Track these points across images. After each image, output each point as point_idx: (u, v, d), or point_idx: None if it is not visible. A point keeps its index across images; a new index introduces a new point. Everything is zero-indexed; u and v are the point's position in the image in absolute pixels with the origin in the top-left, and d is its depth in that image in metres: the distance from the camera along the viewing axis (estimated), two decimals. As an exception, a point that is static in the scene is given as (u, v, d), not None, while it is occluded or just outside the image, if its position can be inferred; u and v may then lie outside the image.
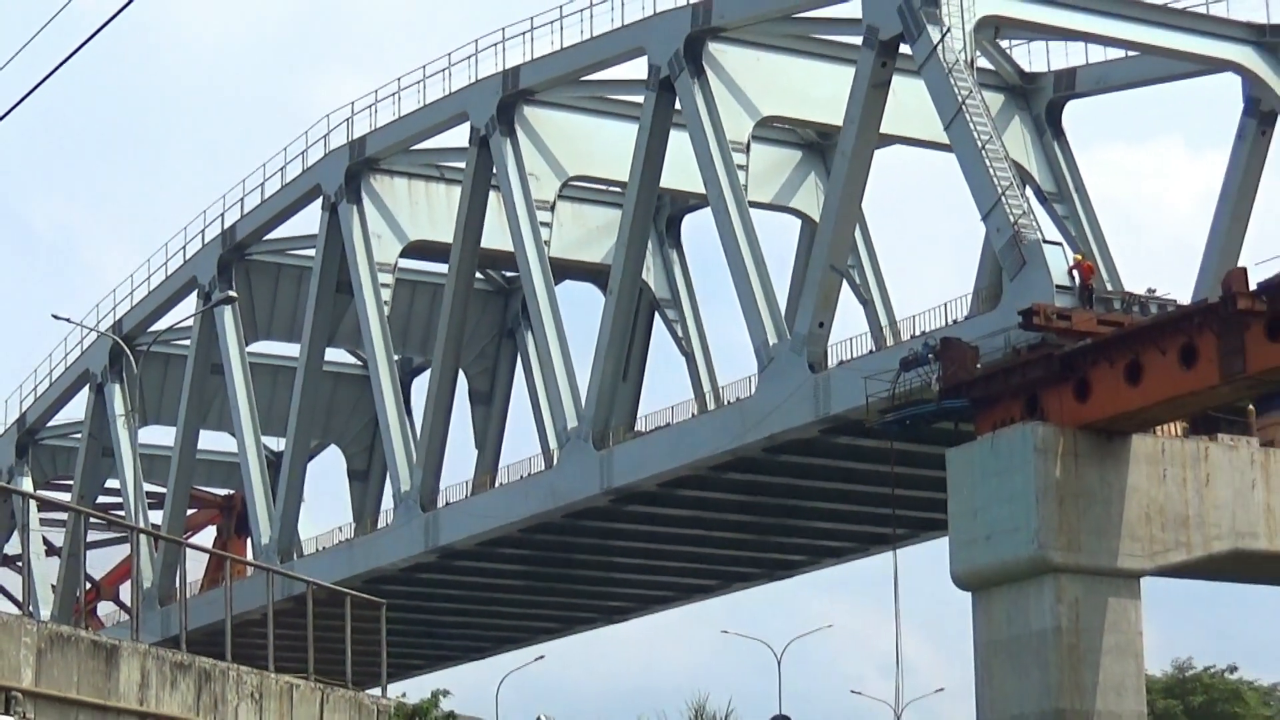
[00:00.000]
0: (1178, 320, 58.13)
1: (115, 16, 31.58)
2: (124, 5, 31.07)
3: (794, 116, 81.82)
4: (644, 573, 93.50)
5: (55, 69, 37.99)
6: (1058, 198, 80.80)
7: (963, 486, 60.09)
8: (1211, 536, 60.27)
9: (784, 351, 71.02)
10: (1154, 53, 75.29)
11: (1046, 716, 57.40)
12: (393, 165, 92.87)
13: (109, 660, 45.28)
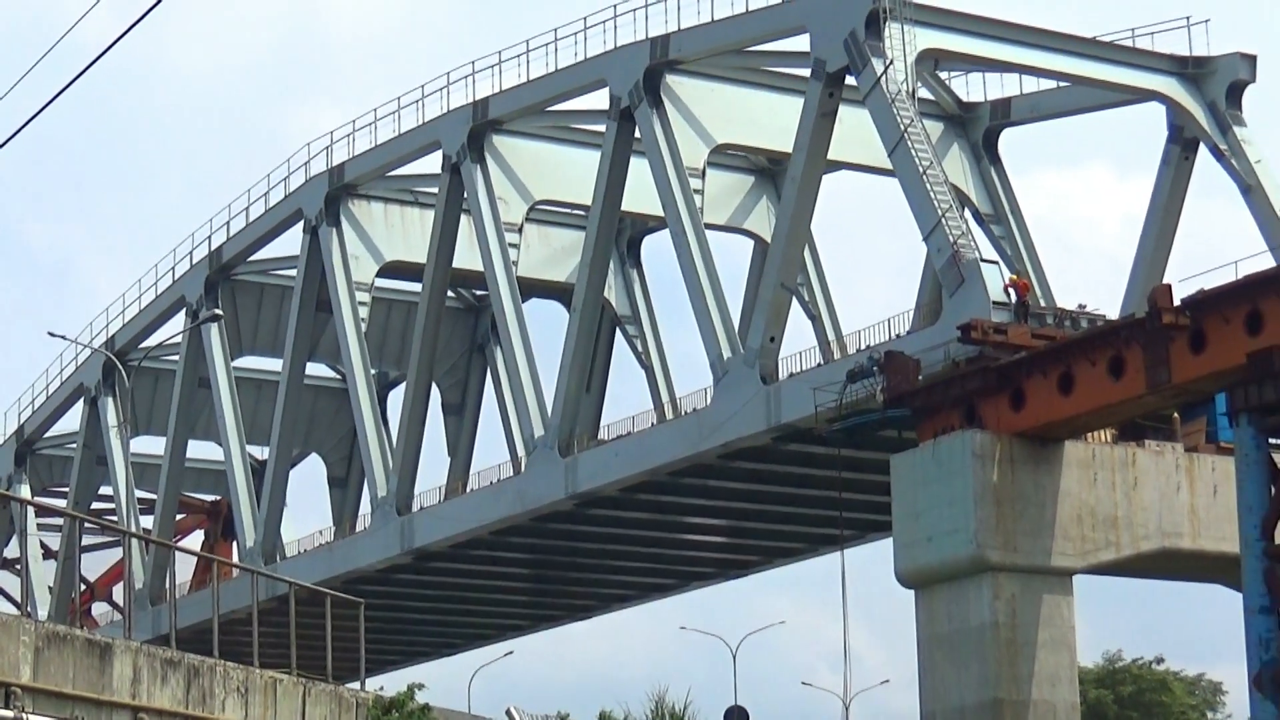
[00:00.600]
0: (1107, 334, 58.27)
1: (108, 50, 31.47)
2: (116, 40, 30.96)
3: (746, 144, 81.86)
4: (607, 572, 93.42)
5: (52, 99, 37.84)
6: (994, 219, 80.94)
7: (906, 491, 60.15)
8: (1139, 536, 60.40)
9: (737, 364, 71.04)
10: (1083, 83, 75.51)
11: (985, 706, 57.44)
12: (369, 190, 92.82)
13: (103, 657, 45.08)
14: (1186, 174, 74.36)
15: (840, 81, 69.12)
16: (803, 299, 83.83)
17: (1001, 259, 73.10)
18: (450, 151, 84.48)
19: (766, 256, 79.19)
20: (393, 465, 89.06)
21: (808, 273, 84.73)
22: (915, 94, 69.17)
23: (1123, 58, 73.87)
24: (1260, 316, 52.92)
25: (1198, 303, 54.89)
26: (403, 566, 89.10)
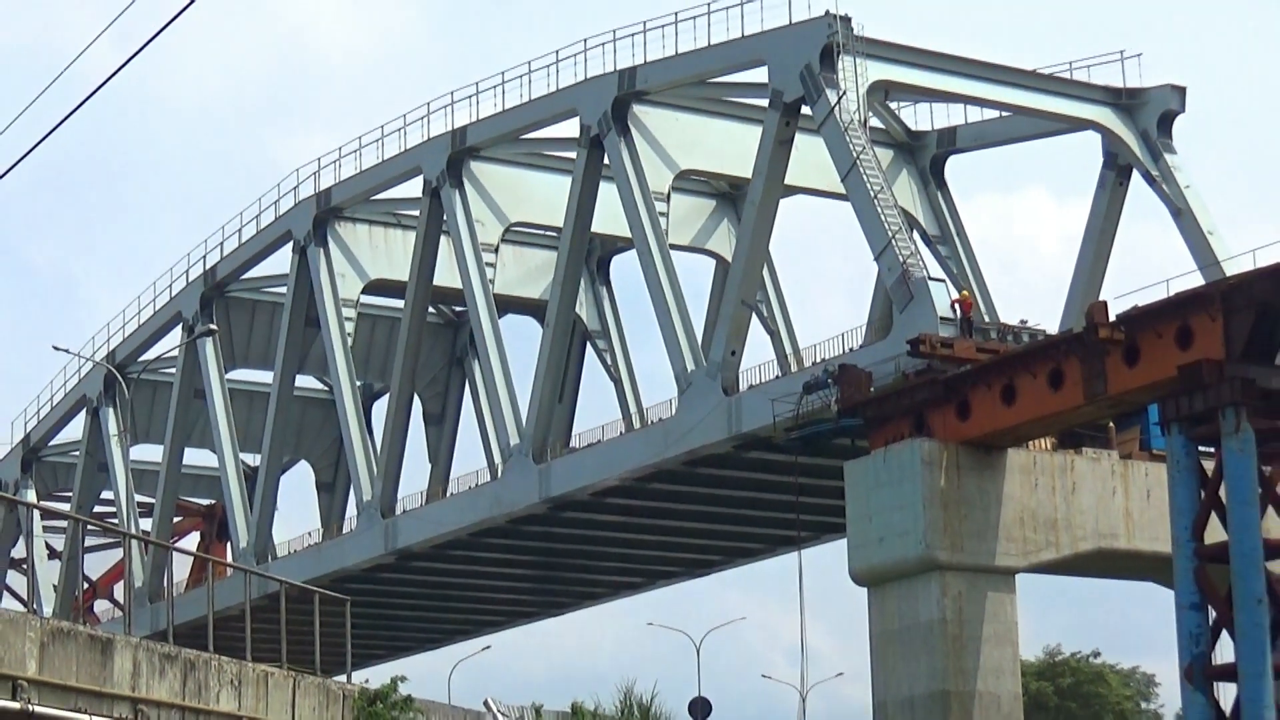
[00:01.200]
0: (1047, 348, 58.33)
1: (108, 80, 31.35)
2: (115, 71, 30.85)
3: (708, 169, 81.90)
4: (578, 572, 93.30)
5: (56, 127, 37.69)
6: (940, 240, 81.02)
7: (859, 495, 60.12)
8: (1078, 537, 60.45)
9: (700, 377, 71.02)
10: (1024, 113, 75.66)
11: (934, 698, 57.43)
12: (355, 213, 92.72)
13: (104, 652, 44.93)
14: (1121, 198, 74.52)
15: (796, 111, 69.15)
16: (762, 315, 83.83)
17: (948, 278, 73.29)
18: (430, 176, 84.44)
19: (727, 275, 79.18)
20: (377, 471, 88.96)
21: (766, 290, 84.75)
22: (867, 123, 69.21)
23: (1060, 89, 74.03)
24: (1190, 332, 53.01)
25: (1132, 319, 54.97)
26: (387, 566, 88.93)
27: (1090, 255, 74.45)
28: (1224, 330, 52.24)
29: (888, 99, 78.13)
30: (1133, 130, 73.26)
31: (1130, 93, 73.63)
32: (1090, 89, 73.96)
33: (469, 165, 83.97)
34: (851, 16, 67.72)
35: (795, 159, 71.61)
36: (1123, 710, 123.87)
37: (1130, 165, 73.33)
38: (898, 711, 58.48)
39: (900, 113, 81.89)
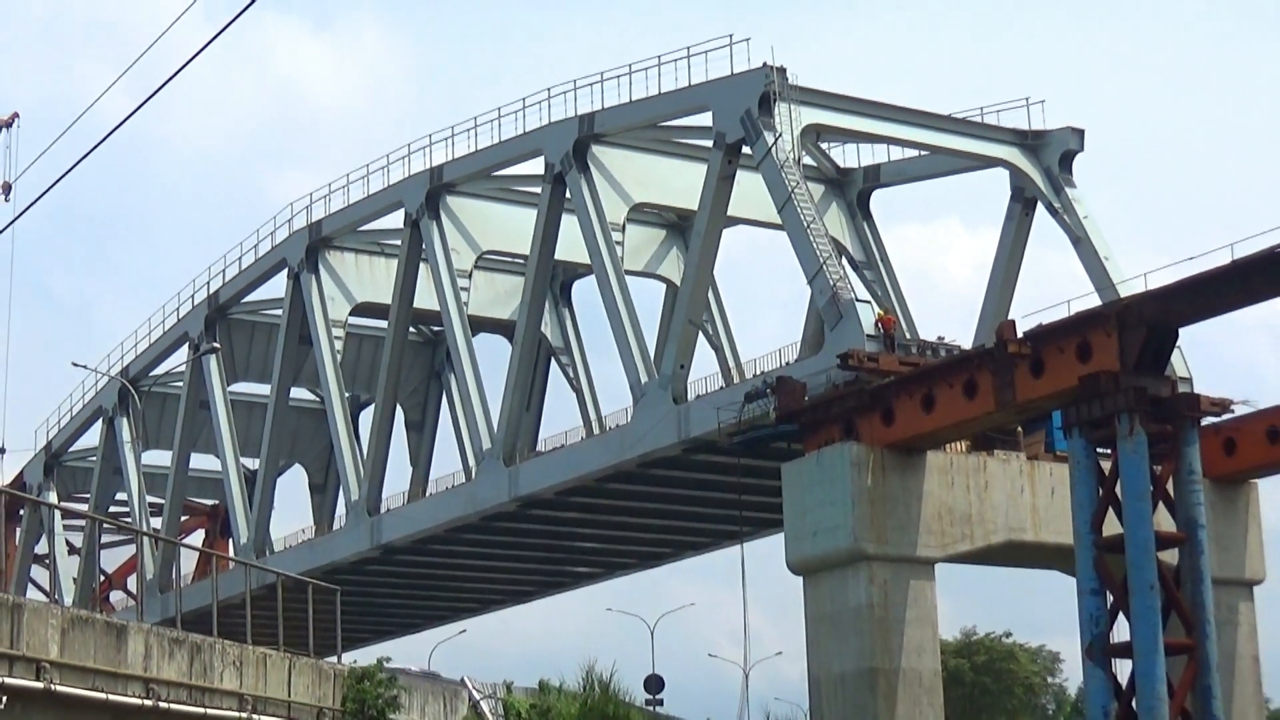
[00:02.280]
0: (962, 361, 58.39)
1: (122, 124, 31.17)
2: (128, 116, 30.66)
3: (659, 203, 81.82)
4: (544, 563, 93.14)
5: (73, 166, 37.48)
6: (866, 266, 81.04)
7: (795, 493, 60.09)
8: (990, 531, 60.48)
9: (653, 388, 70.95)
10: (940, 152, 75.73)
11: (862, 674, 57.41)
12: (343, 243, 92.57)
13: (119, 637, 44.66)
14: (1026, 228, 74.59)
15: (738, 151, 69.18)
16: (707, 333, 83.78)
17: (873, 299, 73.40)
18: (411, 209, 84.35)
19: (676, 297, 79.25)
20: (363, 473, 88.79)
21: (711, 311, 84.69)
22: (800, 161, 69.22)
23: (973, 131, 74.16)
24: (1089, 347, 53.13)
25: (1037, 335, 55.06)
26: (372, 559, 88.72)
27: (1000, 278, 74.55)
28: (1119, 345, 52.37)
29: (819, 140, 78.22)
30: (1037, 167, 73.39)
31: (1034, 134, 73.78)
32: (999, 131, 74.10)
33: (445, 199, 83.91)
34: (786, 67, 67.86)
35: (737, 193, 71.60)
36: (1031, 685, 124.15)
37: (1035, 198, 73.44)
38: (830, 687, 58.43)
39: (830, 152, 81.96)
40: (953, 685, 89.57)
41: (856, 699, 57.42)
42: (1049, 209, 73.07)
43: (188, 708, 46.00)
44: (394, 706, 54.09)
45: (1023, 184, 73.75)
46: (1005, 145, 73.84)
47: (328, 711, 52.22)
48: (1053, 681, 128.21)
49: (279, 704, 50.01)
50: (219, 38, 28.62)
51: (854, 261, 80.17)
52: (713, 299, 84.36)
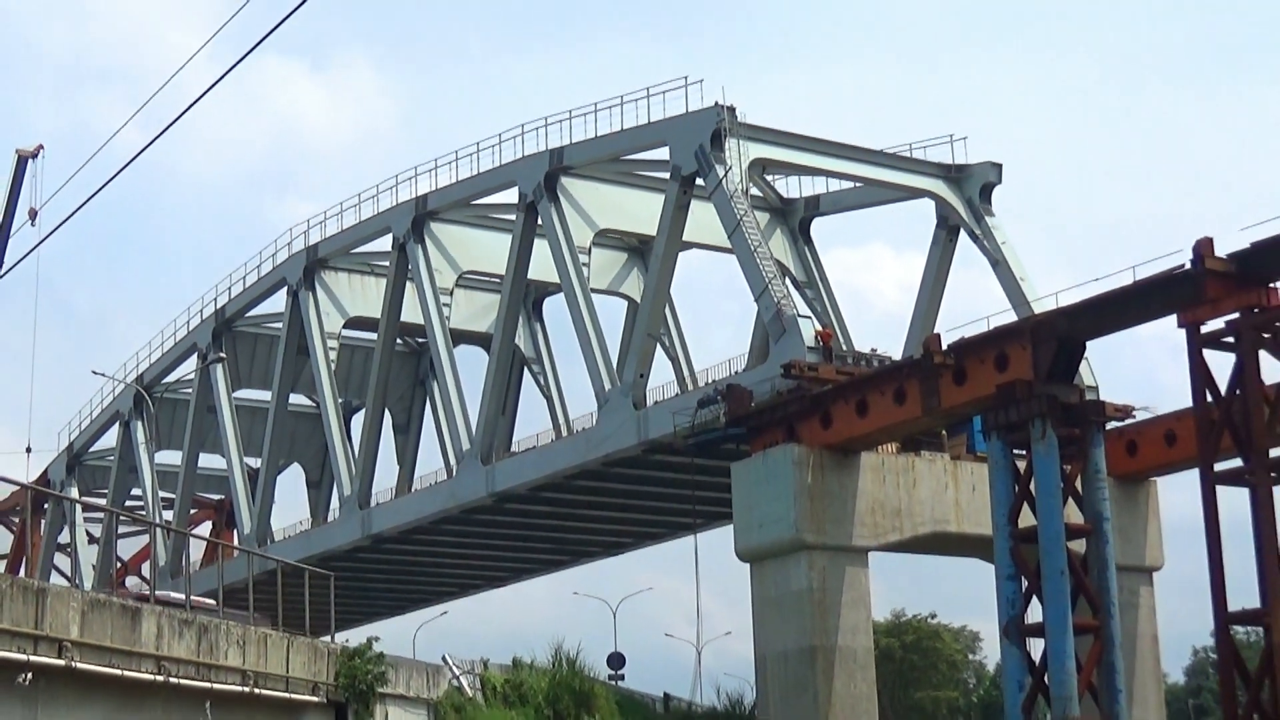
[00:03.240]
0: (892, 371, 58.48)
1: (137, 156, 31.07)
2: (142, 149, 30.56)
3: (622, 229, 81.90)
4: (517, 551, 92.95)
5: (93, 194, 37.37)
6: (807, 285, 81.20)
7: (743, 489, 60.10)
8: (917, 523, 60.61)
9: (616, 394, 70.93)
10: (874, 184, 75.86)
11: (803, 651, 57.46)
12: (337, 263, 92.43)
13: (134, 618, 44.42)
14: (950, 252, 74.76)
15: (692, 182, 69.20)
16: (664, 345, 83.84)
17: (812, 315, 73.44)
18: (398, 234, 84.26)
19: (637, 313, 79.27)
20: (355, 471, 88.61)
21: (668, 325, 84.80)
22: (748, 192, 69.30)
23: (902, 165, 74.29)
24: (1006, 358, 53.26)
25: (959, 348, 55.17)
26: (363, 548, 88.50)
27: (926, 297, 74.69)
28: (1032, 357, 52.51)
29: (765, 172, 78.37)
30: (960, 198, 73.58)
31: (957, 168, 73.95)
32: (926, 165, 74.24)
33: (429, 225, 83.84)
34: (736, 106, 67.96)
35: (691, 220, 71.63)
36: (954, 661, 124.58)
37: (958, 225, 73.62)
38: (775, 663, 58.45)
39: (775, 183, 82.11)
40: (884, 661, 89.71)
41: (798, 674, 57.46)
42: (970, 235, 73.24)
43: (196, 683, 45.81)
44: (381, 681, 53.96)
45: (947, 213, 73.93)
46: (931, 178, 74.01)
47: (322, 686, 52.05)
48: (973, 658, 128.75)
49: (278, 679, 49.84)
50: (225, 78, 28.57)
51: (796, 281, 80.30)
52: (669, 315, 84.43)
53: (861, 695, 57.88)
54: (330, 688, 52.24)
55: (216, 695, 46.45)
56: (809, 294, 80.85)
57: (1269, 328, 47.32)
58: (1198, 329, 47.93)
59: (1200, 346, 47.88)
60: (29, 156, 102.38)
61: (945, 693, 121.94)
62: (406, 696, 56.42)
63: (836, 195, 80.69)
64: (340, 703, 52.68)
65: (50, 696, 40.54)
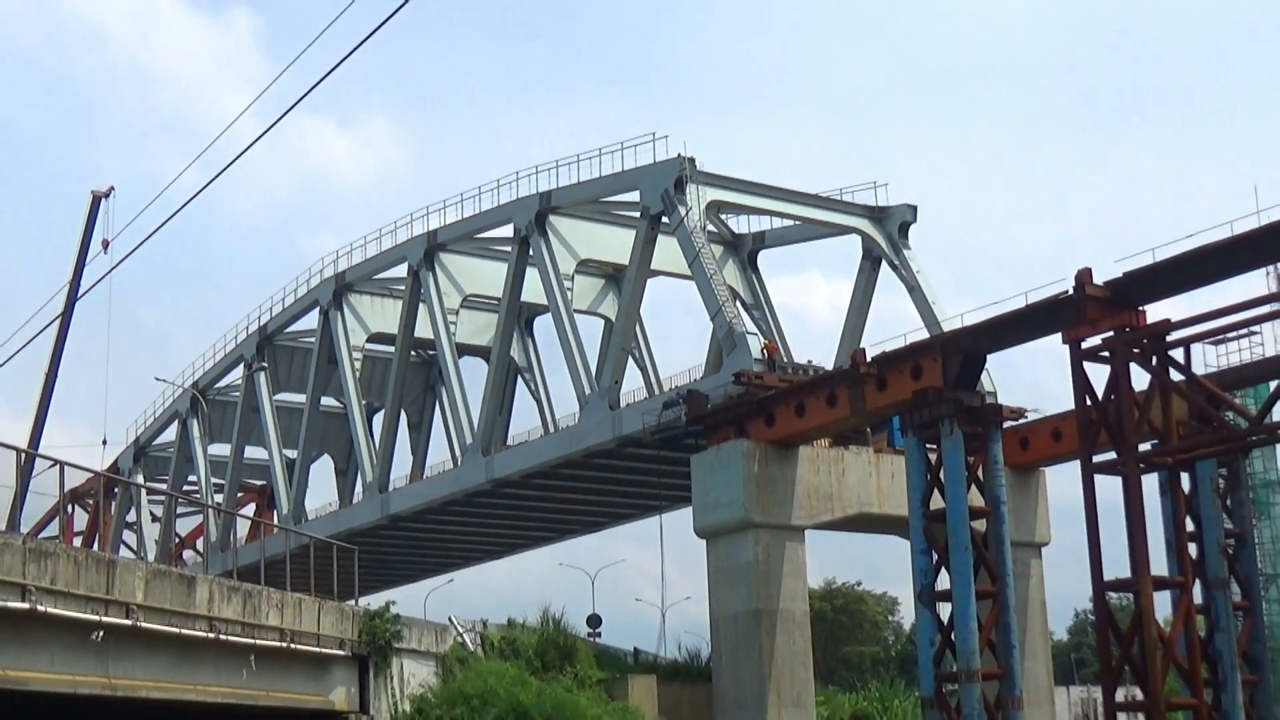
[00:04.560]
0: (825, 379, 58.58)
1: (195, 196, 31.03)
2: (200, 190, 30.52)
3: (600, 259, 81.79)
4: (512, 529, 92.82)
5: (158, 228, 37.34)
6: (754, 307, 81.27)
7: (700, 477, 60.13)
8: (846, 505, 60.74)
9: (594, 398, 70.92)
10: (809, 222, 76.02)
11: (750, 614, 57.50)
12: (361, 288, 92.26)
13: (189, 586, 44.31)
14: (874, 279, 74.90)
15: (658, 220, 69.30)
16: (635, 356, 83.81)
17: (758, 331, 73.62)
18: (413, 263, 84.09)
19: (612, 330, 79.27)
20: (376, 461, 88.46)
21: (638, 339, 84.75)
22: (705, 228, 69.40)
23: (834, 206, 74.50)
24: (920, 369, 53.37)
25: (881, 360, 55.29)
26: (382, 526, 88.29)
27: (853, 317, 74.85)
28: (942, 367, 52.64)
29: (719, 212, 78.41)
30: (882, 234, 73.78)
31: (880, 209, 74.17)
32: (853, 206, 74.46)
33: (438, 255, 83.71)
34: (695, 157, 68.09)
35: (658, 252, 71.75)
36: (876, 622, 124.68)
37: (880, 257, 73.80)
38: (727, 623, 58.49)
39: (727, 221, 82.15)
40: (817, 622, 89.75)
41: (746, 632, 57.50)
42: (890, 265, 73.46)
43: (241, 639, 45.74)
44: (397, 638, 53.87)
45: (871, 246, 74.12)
46: (858, 217, 74.21)
47: (348, 642, 51.96)
48: (892, 619, 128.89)
49: (310, 636, 49.77)
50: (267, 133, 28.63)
51: (745, 304, 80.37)
52: (639, 331, 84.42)
53: (799, 650, 58.00)
54: (354, 643, 52.18)
55: (259, 650, 46.38)
56: (756, 314, 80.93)
57: (1138, 344, 47.58)
58: (1079, 345, 48.15)
59: (1081, 359, 48.10)
60: (102, 196, 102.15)
61: (869, 648, 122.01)
62: (418, 651, 56.36)
63: (779, 231, 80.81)
64: (363, 656, 52.63)
65: (119, 651, 40.43)
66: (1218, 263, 45.89)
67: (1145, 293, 47.79)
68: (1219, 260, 45.77)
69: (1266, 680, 53.91)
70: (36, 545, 38.68)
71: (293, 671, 49.01)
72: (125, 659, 40.54)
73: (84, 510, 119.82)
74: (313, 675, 50.43)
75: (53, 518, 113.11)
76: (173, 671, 42.66)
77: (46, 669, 38.14)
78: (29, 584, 36.70)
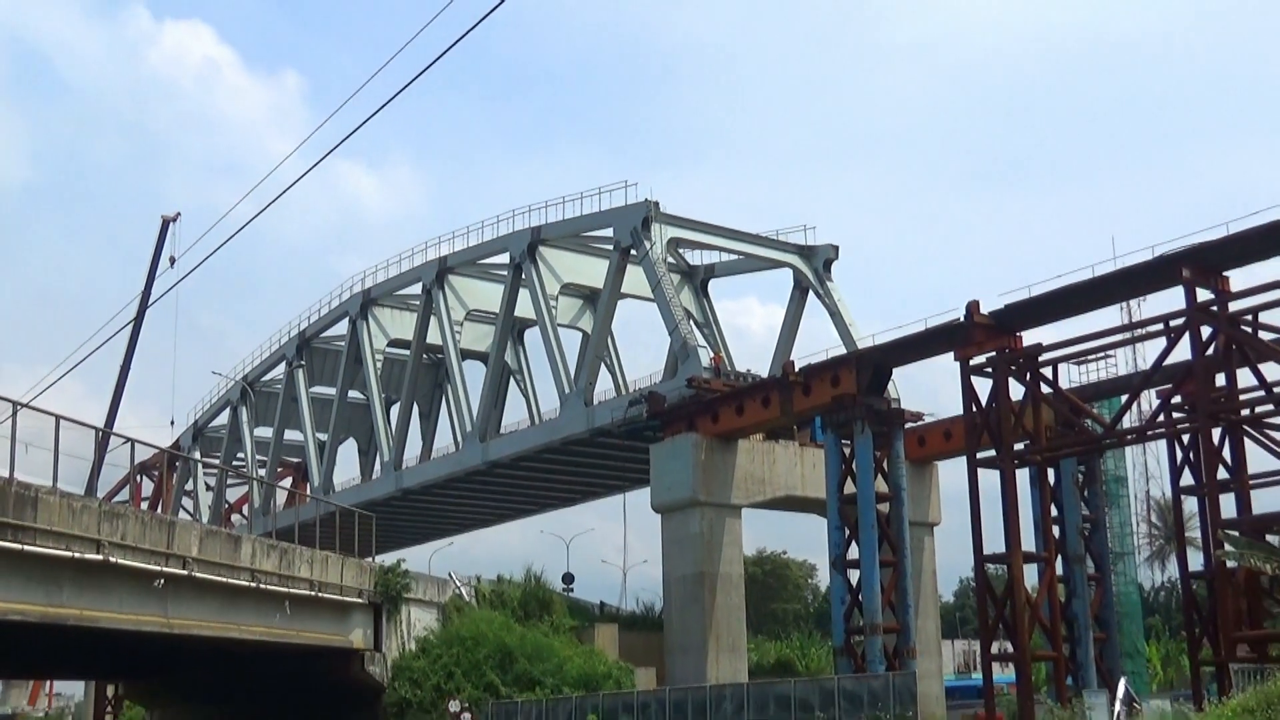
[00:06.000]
0: (761, 385, 58.76)
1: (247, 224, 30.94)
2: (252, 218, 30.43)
3: (580, 283, 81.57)
4: (503, 501, 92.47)
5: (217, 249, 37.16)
6: (704, 325, 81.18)
7: (658, 463, 60.23)
8: (776, 489, 60.88)
9: (572, 396, 70.86)
10: (750, 257, 76.03)
11: (696, 575, 57.58)
12: (383, 302, 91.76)
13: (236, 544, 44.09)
14: (802, 305, 74.94)
15: (628, 253, 69.27)
16: (607, 363, 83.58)
17: (708, 345, 73.59)
18: (427, 283, 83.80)
19: (588, 341, 79.17)
20: (392, 444, 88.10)
21: (609, 350, 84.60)
22: (666, 260, 69.46)
23: (771, 245, 74.56)
24: (839, 378, 53.60)
25: (807, 370, 55.52)
26: (397, 497, 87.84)
27: (785, 335, 74.92)
28: (856, 378, 52.87)
29: (678, 247, 78.42)
30: (809, 268, 73.88)
31: (808, 247, 74.28)
32: (786, 245, 74.55)
33: (448, 277, 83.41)
34: (659, 201, 68.21)
35: (627, 279, 71.81)
36: (798, 583, 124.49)
37: (808, 287, 73.92)
38: (677, 583, 58.54)
39: (684, 255, 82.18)
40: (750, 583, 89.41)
41: (692, 591, 57.56)
42: (816, 294, 73.58)
43: (278, 588, 45.56)
44: (406, 589, 53.74)
45: (800, 278, 74.24)
46: (790, 254, 74.33)
47: (365, 592, 51.82)
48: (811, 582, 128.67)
49: (335, 587, 49.62)
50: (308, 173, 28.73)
51: (697, 322, 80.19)
52: (610, 343, 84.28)
53: (735, 606, 58.12)
54: (370, 593, 52.04)
55: (292, 597, 46.23)
56: (705, 331, 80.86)
57: (1015, 363, 47.86)
58: (967, 362, 48.42)
59: (969, 374, 48.37)
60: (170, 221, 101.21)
61: (792, 605, 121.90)
62: (423, 600, 56.24)
63: (726, 264, 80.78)
64: (377, 604, 52.50)
65: (176, 596, 40.28)
66: (1081, 299, 46.27)
67: (1022, 321, 48.12)
68: (1082, 297, 46.15)
69: (1114, 638, 54.32)
70: (110, 508, 38.53)
71: (320, 616, 48.86)
72: (181, 603, 40.38)
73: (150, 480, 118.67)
74: (336, 619, 50.28)
75: (124, 486, 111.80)
76: (220, 614, 42.50)
77: (116, 610, 38.03)
78: (103, 540, 36.60)
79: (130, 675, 69.95)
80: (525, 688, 52.69)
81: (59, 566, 35.35)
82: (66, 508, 35.46)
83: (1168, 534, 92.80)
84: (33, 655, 51.33)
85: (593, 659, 56.60)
